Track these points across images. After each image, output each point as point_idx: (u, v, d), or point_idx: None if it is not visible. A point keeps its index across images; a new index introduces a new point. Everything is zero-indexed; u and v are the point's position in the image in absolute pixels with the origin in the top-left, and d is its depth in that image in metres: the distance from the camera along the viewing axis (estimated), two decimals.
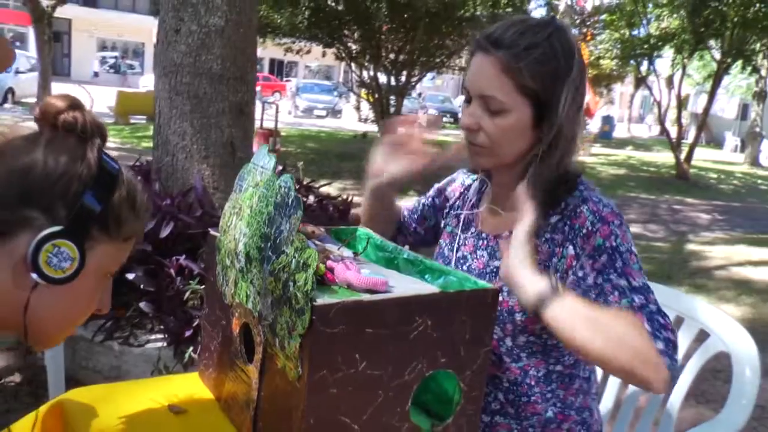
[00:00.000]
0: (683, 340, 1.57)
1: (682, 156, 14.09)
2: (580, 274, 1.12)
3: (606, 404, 1.68)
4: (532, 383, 1.21)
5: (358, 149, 13.37)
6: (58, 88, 19.33)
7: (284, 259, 0.92)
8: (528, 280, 1.05)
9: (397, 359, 0.94)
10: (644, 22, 14.16)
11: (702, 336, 1.56)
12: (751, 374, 1.42)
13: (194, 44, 3.10)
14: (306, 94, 25.48)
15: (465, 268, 1.28)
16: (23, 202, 0.78)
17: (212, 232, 1.19)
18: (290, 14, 9.17)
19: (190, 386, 1.22)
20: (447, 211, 1.43)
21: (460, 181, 1.44)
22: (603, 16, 14.50)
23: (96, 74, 30.43)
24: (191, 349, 2.44)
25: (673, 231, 8.06)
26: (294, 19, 9.38)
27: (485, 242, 1.27)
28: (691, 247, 6.87)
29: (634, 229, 7.98)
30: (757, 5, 11.28)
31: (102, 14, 33.15)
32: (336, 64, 25.03)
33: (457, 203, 1.41)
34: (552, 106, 1.11)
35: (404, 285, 1.05)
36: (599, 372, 1.48)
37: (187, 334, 2.46)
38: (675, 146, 14.18)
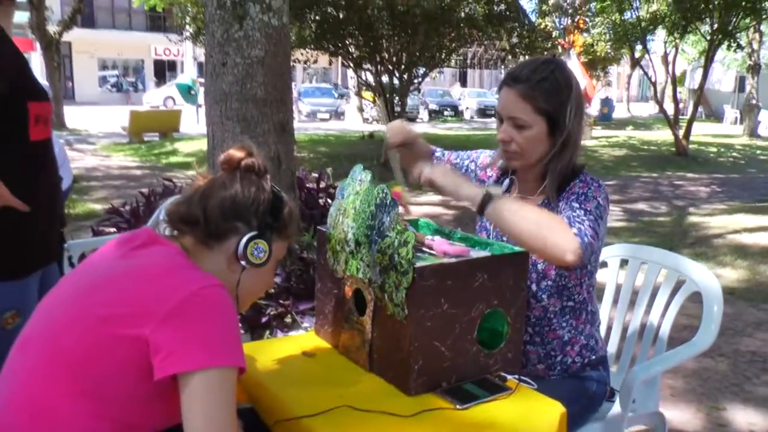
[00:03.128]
0: (668, 286, 2.03)
1: (681, 132, 14.49)
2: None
3: (611, 349, 2.15)
4: (552, 316, 1.68)
5: (366, 149, 13.79)
6: (68, 111, 19.91)
7: (388, 240, 1.40)
8: (471, 190, 1.52)
9: (466, 301, 1.42)
10: (634, 5, 14.60)
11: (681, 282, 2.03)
12: (717, 308, 1.88)
13: (240, 74, 3.57)
14: (308, 99, 25.93)
15: (505, 238, 1.73)
16: (234, 217, 1.26)
17: (321, 228, 1.67)
18: (298, 28, 9.69)
19: (311, 341, 1.71)
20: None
21: (495, 173, 1.84)
22: (594, 4, 14.98)
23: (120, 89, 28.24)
24: (267, 332, 2.92)
25: (674, 206, 8.49)
26: (302, 33, 9.91)
27: None
28: (691, 219, 7.30)
29: (639, 206, 8.43)
30: None
31: (101, 34, 33.38)
32: (332, 67, 25.39)
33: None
34: (561, 120, 1.58)
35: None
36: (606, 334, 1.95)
37: (263, 321, 2.95)
38: (673, 123, 14.57)
